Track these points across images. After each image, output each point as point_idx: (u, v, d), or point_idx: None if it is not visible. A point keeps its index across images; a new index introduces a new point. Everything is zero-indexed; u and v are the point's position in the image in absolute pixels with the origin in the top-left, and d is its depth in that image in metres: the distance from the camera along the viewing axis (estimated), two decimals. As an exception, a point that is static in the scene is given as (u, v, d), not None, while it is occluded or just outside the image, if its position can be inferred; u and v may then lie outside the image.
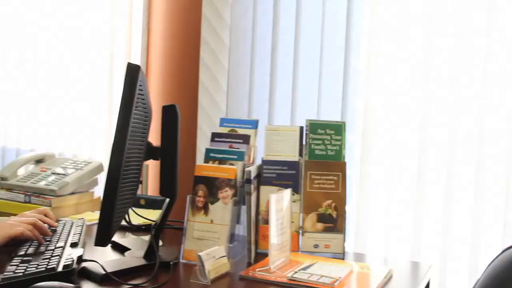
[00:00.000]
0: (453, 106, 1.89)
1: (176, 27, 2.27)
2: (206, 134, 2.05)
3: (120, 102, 1.25)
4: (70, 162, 2.16)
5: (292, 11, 1.99)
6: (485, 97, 1.87)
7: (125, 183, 1.28)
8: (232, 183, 1.47)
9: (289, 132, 1.63)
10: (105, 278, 1.27)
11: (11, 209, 1.96)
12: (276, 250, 1.40)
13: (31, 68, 2.58)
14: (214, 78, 2.08)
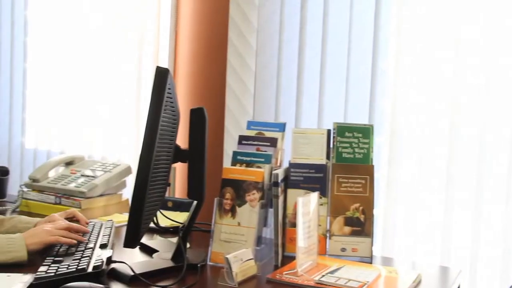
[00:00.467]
0: (483, 107, 1.86)
1: (204, 30, 2.28)
2: (233, 137, 2.06)
3: (149, 105, 1.26)
4: (99, 164, 2.19)
5: (319, 13, 1.99)
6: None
7: (154, 185, 1.29)
8: (259, 186, 1.47)
9: (316, 135, 1.63)
10: (133, 279, 1.29)
11: (42, 210, 2.00)
12: (303, 253, 1.39)
13: (61, 72, 2.63)
14: (241, 81, 2.09)
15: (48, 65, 2.69)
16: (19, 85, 2.80)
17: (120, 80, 2.42)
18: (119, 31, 2.42)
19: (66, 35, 2.60)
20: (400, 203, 1.93)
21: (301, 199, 1.39)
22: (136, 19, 2.35)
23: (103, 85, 2.48)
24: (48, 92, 2.70)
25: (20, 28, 2.77)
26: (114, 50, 2.43)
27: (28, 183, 2.11)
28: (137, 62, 2.34)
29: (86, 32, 2.53)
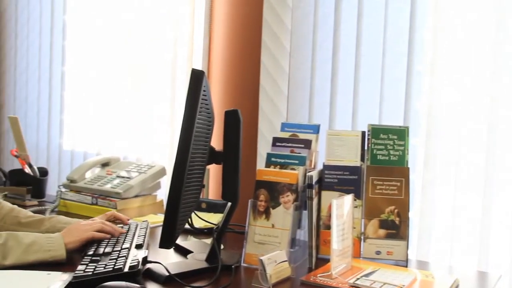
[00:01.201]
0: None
1: (237, 32, 2.29)
2: (267, 139, 2.06)
3: (184, 107, 1.27)
4: (134, 165, 2.22)
5: (353, 14, 1.97)
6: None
7: (189, 187, 1.30)
8: (293, 188, 1.47)
9: (351, 137, 1.62)
10: (168, 279, 1.30)
11: (79, 210, 2.04)
12: (338, 255, 1.38)
13: (98, 75, 2.68)
14: (275, 82, 2.09)
15: (85, 68, 2.74)
16: (57, 88, 2.86)
17: (155, 82, 2.45)
18: (154, 34, 2.44)
19: (102, 39, 2.65)
20: (436, 205, 1.90)
21: (335, 201, 1.38)
22: (171, 22, 2.37)
23: (138, 87, 2.51)
24: (85, 95, 2.75)
25: (59, 32, 2.84)
26: (149, 52, 2.47)
27: (66, 184, 2.16)
28: (172, 65, 2.36)
29: (121, 36, 2.57)
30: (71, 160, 2.81)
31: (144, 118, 2.49)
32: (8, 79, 3.04)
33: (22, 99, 3.01)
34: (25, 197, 2.20)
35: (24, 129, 2.31)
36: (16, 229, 1.57)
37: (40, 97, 2.94)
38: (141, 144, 2.50)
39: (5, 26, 3.03)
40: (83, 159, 2.69)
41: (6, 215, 1.66)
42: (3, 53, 3.05)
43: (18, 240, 1.37)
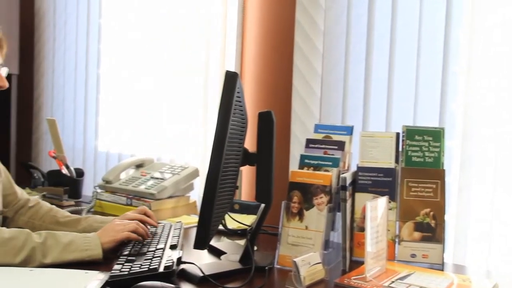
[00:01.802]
0: None
1: (270, 33, 2.30)
2: (300, 140, 2.06)
3: (218, 109, 1.28)
4: (168, 167, 2.24)
5: (387, 14, 1.95)
6: None
7: (223, 188, 1.31)
8: (327, 189, 1.46)
9: (385, 138, 1.60)
10: (202, 280, 1.31)
11: (114, 211, 2.07)
12: (372, 258, 1.37)
13: (131, 77, 2.71)
14: (308, 84, 2.08)
15: (119, 70, 2.79)
16: (93, 90, 2.92)
17: (188, 83, 2.47)
18: (186, 36, 2.47)
19: (135, 42, 2.69)
20: (473, 208, 1.86)
21: (369, 203, 1.37)
22: (203, 24, 2.39)
23: (171, 89, 2.54)
24: (119, 97, 2.79)
25: (95, 36, 2.89)
26: (182, 54, 2.49)
27: (102, 185, 2.20)
28: (204, 66, 2.38)
29: (154, 38, 2.60)
30: (106, 161, 2.85)
31: (177, 120, 2.52)
32: (46, 82, 3.12)
33: (59, 102, 3.08)
34: (62, 197, 2.24)
35: (61, 131, 2.36)
36: (55, 228, 1.60)
37: (76, 99, 3.00)
38: (175, 146, 2.52)
39: (44, 31, 3.10)
40: (118, 161, 2.73)
41: (45, 214, 1.70)
42: (42, 56, 3.12)
43: (57, 239, 1.41)
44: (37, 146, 3.13)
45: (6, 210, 1.67)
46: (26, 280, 1.27)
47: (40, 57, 3.13)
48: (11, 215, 1.68)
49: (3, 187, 1.67)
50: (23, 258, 1.34)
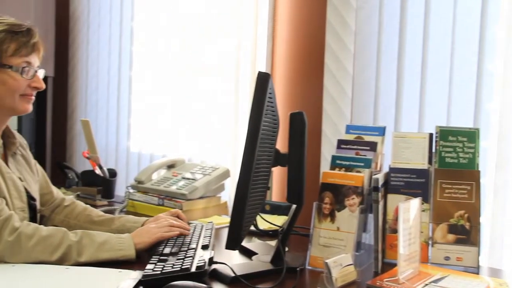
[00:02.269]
0: None
1: (301, 34, 2.29)
2: (331, 141, 2.04)
3: (250, 110, 1.28)
4: (199, 167, 2.26)
5: (420, 13, 1.92)
6: None
7: (255, 189, 1.31)
8: (359, 190, 1.45)
9: (418, 139, 1.58)
10: (234, 280, 1.32)
11: (146, 210, 2.10)
12: (405, 260, 1.35)
13: (163, 79, 2.74)
14: (339, 84, 2.07)
15: (151, 72, 2.82)
16: (125, 92, 2.96)
17: (219, 84, 2.48)
18: (217, 37, 2.48)
19: (167, 44, 2.71)
20: (509, 210, 1.82)
21: (402, 205, 1.35)
22: (234, 25, 2.40)
23: (202, 90, 2.55)
24: (151, 99, 2.82)
25: (127, 38, 2.93)
26: (213, 56, 2.50)
27: (134, 185, 2.23)
28: (235, 67, 2.39)
29: (185, 40, 2.62)
30: (138, 162, 2.89)
31: (208, 121, 2.53)
32: (80, 84, 3.17)
33: (92, 103, 3.13)
34: (95, 197, 2.28)
35: (95, 131, 2.40)
36: (89, 227, 1.63)
37: (109, 101, 3.04)
38: (206, 146, 2.54)
39: (78, 33, 3.16)
40: (150, 161, 2.76)
41: (80, 213, 1.73)
42: (76, 59, 3.18)
43: (92, 238, 1.43)
44: (71, 147, 3.19)
45: (43, 209, 1.71)
46: (62, 277, 1.30)
47: (75, 60, 3.19)
48: (47, 214, 1.72)
49: (40, 186, 1.70)
50: (60, 256, 1.37)
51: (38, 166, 1.75)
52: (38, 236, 1.38)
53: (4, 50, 1.46)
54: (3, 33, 1.46)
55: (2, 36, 1.46)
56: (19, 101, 1.51)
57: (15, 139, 1.60)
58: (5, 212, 1.39)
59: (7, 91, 1.48)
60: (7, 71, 1.47)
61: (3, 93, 1.48)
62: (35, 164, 1.72)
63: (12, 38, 1.47)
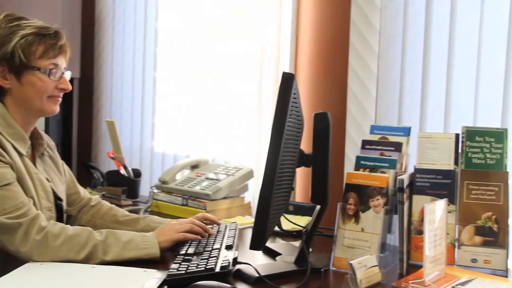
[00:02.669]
0: None
1: (324, 34, 2.28)
2: (355, 141, 2.03)
3: (275, 110, 1.28)
4: (222, 168, 2.27)
5: (446, 12, 1.89)
6: None
7: (279, 189, 1.31)
8: (383, 191, 1.44)
9: (444, 139, 1.56)
10: (258, 280, 1.32)
11: (170, 210, 2.11)
12: (431, 262, 1.34)
13: (186, 80, 2.75)
14: (363, 84, 2.05)
15: (174, 73, 2.84)
16: (149, 93, 2.98)
17: (243, 85, 2.48)
18: (241, 38, 2.48)
19: (190, 44, 2.72)
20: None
21: (428, 206, 1.34)
22: (257, 25, 2.40)
23: (225, 91, 2.56)
24: (174, 99, 2.84)
25: (151, 39, 2.95)
26: (236, 56, 2.51)
27: (158, 185, 2.24)
28: (259, 67, 2.39)
29: (209, 41, 2.63)
30: (162, 162, 2.91)
31: (232, 121, 2.54)
32: (105, 85, 3.21)
33: (117, 104, 3.16)
34: (120, 197, 2.31)
35: (119, 132, 2.42)
36: (115, 227, 1.65)
37: (133, 101, 3.07)
38: (229, 147, 2.55)
39: (104, 35, 3.20)
40: (174, 161, 2.77)
41: (106, 213, 1.75)
42: (101, 60, 3.22)
43: (117, 237, 1.45)
44: (97, 147, 3.23)
45: (70, 208, 1.73)
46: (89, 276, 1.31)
47: (100, 61, 3.22)
48: (74, 214, 1.75)
49: (67, 186, 1.73)
50: (86, 255, 1.39)
51: (65, 166, 1.77)
52: (64, 235, 1.40)
53: (33, 52, 1.49)
54: (31, 36, 1.49)
55: (30, 39, 1.49)
56: (46, 103, 1.54)
57: (42, 140, 1.63)
58: (33, 212, 1.41)
59: (35, 93, 1.51)
60: (35, 73, 1.50)
61: (31, 95, 1.51)
62: (62, 165, 1.75)
63: (40, 41, 1.50)
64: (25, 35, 1.48)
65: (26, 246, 1.37)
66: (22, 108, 1.52)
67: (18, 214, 1.38)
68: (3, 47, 1.47)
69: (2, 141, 1.43)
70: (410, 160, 1.64)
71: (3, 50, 1.47)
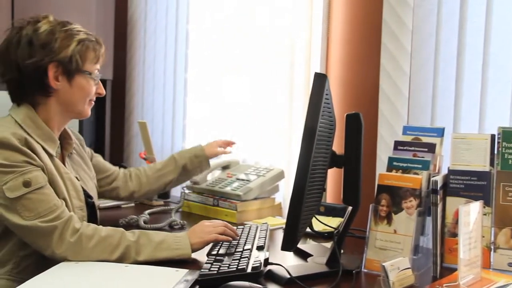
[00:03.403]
0: None
1: (356, 34, 2.26)
2: (387, 142, 2.01)
3: (307, 111, 1.28)
4: (253, 169, 2.27)
5: (481, 10, 1.85)
6: None
7: (311, 190, 1.31)
8: (416, 193, 1.42)
9: (479, 140, 1.54)
10: (289, 282, 1.32)
11: (202, 211, 2.13)
12: (466, 265, 1.32)
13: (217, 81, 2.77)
14: (395, 85, 2.03)
15: (205, 74, 2.85)
16: (180, 94, 3.00)
17: (273, 86, 2.48)
18: (272, 38, 2.48)
19: (221, 46, 2.73)
20: None
21: (462, 208, 1.32)
22: (288, 27, 2.40)
23: (256, 92, 2.56)
24: (205, 100, 2.85)
25: (183, 41, 2.97)
26: (266, 56, 2.50)
27: (189, 186, 2.26)
28: (290, 68, 2.38)
29: (239, 43, 2.63)
30: (192, 163, 2.92)
31: (262, 122, 2.54)
32: (137, 87, 3.25)
33: (149, 105, 3.19)
34: (152, 197, 2.33)
35: (150, 133, 2.45)
36: (159, 178, 2.01)
37: (165, 103, 3.10)
38: (260, 147, 2.55)
39: (136, 38, 3.24)
40: (204, 162, 2.78)
41: (142, 173, 2.02)
42: (134, 62, 3.26)
43: (149, 238, 1.46)
44: (129, 148, 3.27)
45: (113, 185, 1.92)
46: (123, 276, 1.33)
47: (132, 63, 3.26)
48: (121, 185, 1.95)
49: (99, 170, 1.86)
50: (119, 256, 1.41)
51: (94, 154, 1.89)
52: (97, 237, 1.43)
53: (88, 57, 1.56)
54: (86, 41, 1.56)
55: (86, 44, 1.55)
56: (86, 106, 1.61)
57: (71, 140, 1.67)
58: (66, 214, 1.43)
59: (82, 96, 1.57)
60: (86, 77, 1.56)
61: (78, 98, 1.56)
62: (89, 152, 1.84)
63: (92, 47, 1.57)
64: (81, 40, 1.54)
65: (61, 248, 1.39)
66: (63, 109, 1.56)
67: (52, 217, 1.40)
68: (63, 50, 1.51)
69: (32, 144, 1.45)
70: (443, 162, 1.62)
71: (63, 53, 1.51)
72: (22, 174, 1.39)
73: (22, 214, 1.38)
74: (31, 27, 1.51)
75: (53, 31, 1.51)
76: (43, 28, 1.51)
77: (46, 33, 1.50)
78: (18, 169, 1.39)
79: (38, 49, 1.49)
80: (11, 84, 1.53)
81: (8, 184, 1.38)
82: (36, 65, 1.49)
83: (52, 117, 1.55)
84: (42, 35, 1.50)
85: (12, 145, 1.40)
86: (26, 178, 1.39)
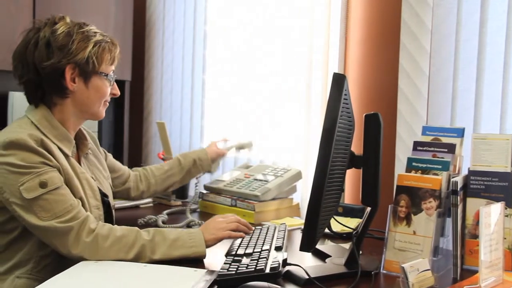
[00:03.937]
0: None
1: (374, 33, 2.25)
2: (405, 143, 1.99)
3: (326, 111, 1.27)
4: (271, 169, 2.27)
5: (502, 9, 1.83)
6: None
7: (330, 191, 1.30)
8: (436, 194, 1.41)
9: (500, 141, 1.52)
10: (308, 282, 1.31)
11: (219, 211, 2.13)
12: (487, 267, 1.30)
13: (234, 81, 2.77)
14: (414, 85, 2.01)
15: (223, 75, 2.86)
16: (198, 95, 3.01)
17: (291, 86, 2.48)
18: (289, 39, 2.48)
19: (238, 48, 2.74)
20: None
21: (483, 209, 1.30)
22: (306, 27, 2.39)
23: (274, 92, 2.56)
24: (223, 101, 2.86)
25: (200, 42, 2.98)
26: (284, 57, 2.50)
27: (208, 186, 2.27)
28: (307, 69, 2.37)
29: (257, 44, 2.63)
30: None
31: (280, 122, 2.54)
32: (155, 88, 3.27)
33: (167, 106, 3.21)
34: (170, 197, 2.34)
35: (169, 133, 2.46)
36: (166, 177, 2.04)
37: (183, 103, 3.11)
38: (277, 148, 2.54)
39: (154, 39, 3.26)
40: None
41: (150, 174, 2.03)
42: (152, 63, 3.28)
43: (164, 236, 1.47)
44: (147, 148, 3.29)
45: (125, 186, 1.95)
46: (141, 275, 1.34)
47: (150, 64, 3.28)
48: (132, 185, 1.98)
49: (112, 168, 1.87)
50: (134, 255, 1.42)
51: (107, 154, 1.90)
52: (113, 237, 1.44)
53: (105, 59, 1.57)
54: (102, 43, 1.57)
55: (102, 45, 1.56)
56: (101, 108, 1.62)
57: (87, 140, 1.68)
58: (82, 214, 1.44)
59: (97, 97, 1.58)
60: (102, 78, 1.57)
61: (94, 99, 1.57)
62: (103, 153, 1.85)
63: (108, 49, 1.58)
64: (98, 42, 1.55)
65: (78, 248, 1.41)
66: (78, 110, 1.57)
67: (68, 217, 1.41)
68: (80, 52, 1.52)
69: (48, 144, 1.46)
70: (464, 162, 1.60)
71: (80, 55, 1.52)
72: (39, 175, 1.40)
73: (39, 214, 1.39)
74: (49, 28, 1.52)
75: (70, 33, 1.52)
76: (61, 30, 1.52)
77: (63, 35, 1.51)
78: (35, 170, 1.40)
79: (55, 51, 1.50)
80: (29, 85, 1.54)
81: (25, 185, 1.39)
82: (54, 67, 1.50)
83: (68, 118, 1.56)
84: (59, 37, 1.51)
85: (29, 146, 1.41)
86: (43, 179, 1.40)
